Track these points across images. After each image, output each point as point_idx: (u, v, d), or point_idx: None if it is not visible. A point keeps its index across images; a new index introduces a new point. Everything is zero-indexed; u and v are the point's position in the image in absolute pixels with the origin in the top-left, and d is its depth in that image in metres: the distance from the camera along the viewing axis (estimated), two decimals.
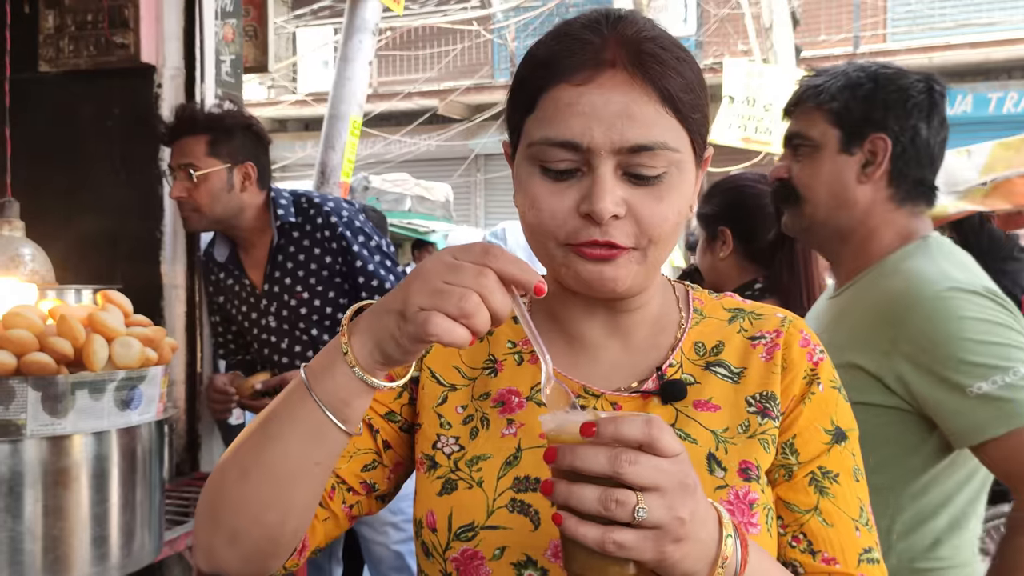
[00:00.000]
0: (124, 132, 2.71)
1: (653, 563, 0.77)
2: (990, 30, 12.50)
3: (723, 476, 0.93)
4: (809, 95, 1.70)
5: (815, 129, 1.68)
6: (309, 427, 0.85)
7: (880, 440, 1.51)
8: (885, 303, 1.58)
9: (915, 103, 1.64)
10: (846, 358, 1.52)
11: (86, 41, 2.70)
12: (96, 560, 1.62)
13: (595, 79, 0.89)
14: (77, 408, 1.59)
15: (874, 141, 1.64)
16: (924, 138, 1.64)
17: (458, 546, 0.93)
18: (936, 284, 1.52)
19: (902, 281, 1.58)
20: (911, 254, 1.63)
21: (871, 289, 1.65)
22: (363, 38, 4.32)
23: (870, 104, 1.64)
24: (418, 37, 14.77)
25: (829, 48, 12.95)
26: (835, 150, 1.66)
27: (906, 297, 1.54)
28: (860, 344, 1.58)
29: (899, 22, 13.41)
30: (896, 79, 1.66)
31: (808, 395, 0.98)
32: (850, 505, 0.97)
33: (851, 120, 1.65)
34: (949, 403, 1.47)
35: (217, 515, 0.90)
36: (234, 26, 2.93)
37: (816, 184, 1.68)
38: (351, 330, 0.84)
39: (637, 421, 0.75)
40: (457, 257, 0.80)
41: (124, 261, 2.68)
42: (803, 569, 0.95)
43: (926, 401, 1.50)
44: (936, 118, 1.66)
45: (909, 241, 1.66)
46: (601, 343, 1.01)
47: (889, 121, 1.63)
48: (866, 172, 1.65)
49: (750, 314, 1.04)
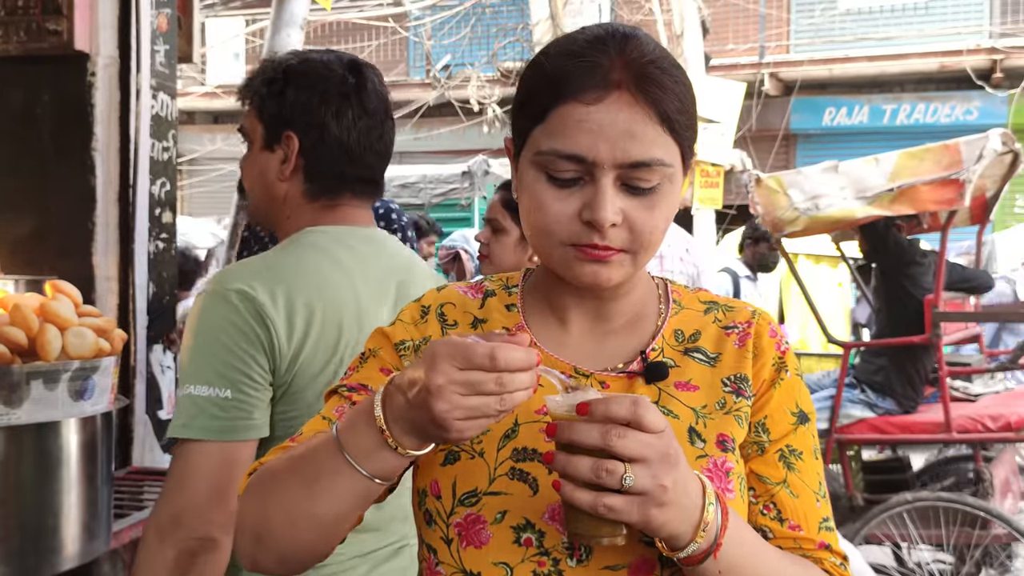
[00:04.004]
0: (55, 121, 2.65)
1: (640, 525, 0.88)
2: (886, 45, 13.07)
3: (703, 447, 1.03)
4: (243, 90, 1.72)
5: (248, 122, 1.70)
6: (356, 491, 0.96)
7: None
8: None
9: (324, 99, 1.63)
10: None
11: (16, 26, 2.63)
12: (49, 551, 1.61)
13: (603, 99, 0.98)
14: (32, 398, 1.58)
15: (287, 138, 1.64)
16: (335, 135, 1.63)
17: (462, 511, 1.01)
18: (215, 281, 1.55)
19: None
20: (277, 248, 1.66)
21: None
22: (291, 32, 4.28)
23: (281, 100, 1.64)
24: (333, 32, 14.61)
25: (736, 57, 13.34)
26: (260, 146, 1.68)
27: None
28: None
29: (801, 34, 13.91)
30: (307, 75, 1.65)
31: (778, 381, 1.08)
32: (812, 480, 1.08)
33: (270, 117, 1.66)
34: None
35: (263, 544, 1.01)
36: (168, 16, 2.90)
37: (251, 179, 1.72)
38: (389, 423, 0.92)
39: (625, 401, 0.87)
40: (465, 368, 0.87)
41: (54, 252, 2.62)
42: (772, 534, 1.05)
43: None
44: (351, 111, 1.64)
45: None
46: (589, 328, 1.10)
47: (296, 118, 1.63)
48: (283, 169, 1.66)
49: (723, 307, 1.14)
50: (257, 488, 1.02)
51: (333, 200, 1.67)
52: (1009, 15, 12.96)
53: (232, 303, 1.48)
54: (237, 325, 1.48)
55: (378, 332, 1.13)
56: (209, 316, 1.50)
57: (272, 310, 1.48)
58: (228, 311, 1.48)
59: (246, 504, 1.03)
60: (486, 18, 12.00)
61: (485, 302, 1.13)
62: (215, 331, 1.48)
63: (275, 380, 1.51)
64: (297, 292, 1.52)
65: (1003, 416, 4.21)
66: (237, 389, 1.47)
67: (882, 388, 4.44)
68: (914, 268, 4.46)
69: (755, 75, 12.67)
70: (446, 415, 0.87)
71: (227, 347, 1.47)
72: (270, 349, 1.49)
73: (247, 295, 1.49)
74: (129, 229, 2.72)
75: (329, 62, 1.66)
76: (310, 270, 1.56)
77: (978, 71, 12.32)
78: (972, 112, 12.67)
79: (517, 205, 1.07)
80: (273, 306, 1.49)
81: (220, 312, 1.49)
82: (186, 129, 14.03)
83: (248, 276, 1.52)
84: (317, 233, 1.63)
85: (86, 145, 2.63)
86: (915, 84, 13.15)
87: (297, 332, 1.50)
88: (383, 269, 1.64)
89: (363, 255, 1.63)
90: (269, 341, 1.48)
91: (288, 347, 1.50)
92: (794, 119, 13.23)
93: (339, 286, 1.56)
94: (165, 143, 2.92)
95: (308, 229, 1.64)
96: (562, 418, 0.90)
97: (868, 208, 4.19)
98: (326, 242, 1.62)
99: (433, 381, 0.87)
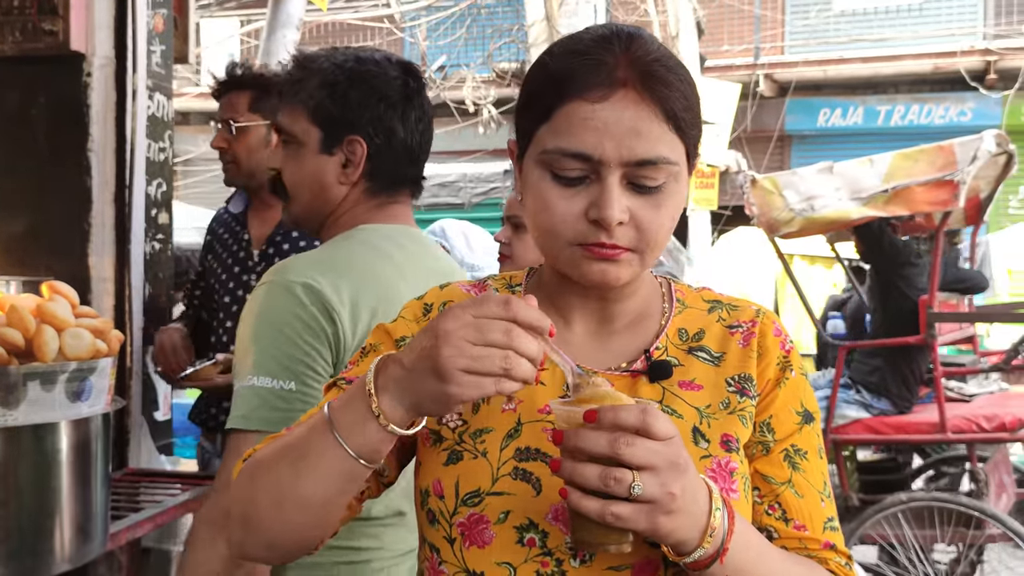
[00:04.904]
0: (51, 121, 2.65)
1: (648, 532, 0.87)
2: (880, 46, 13.10)
3: (707, 447, 1.03)
4: (288, 90, 1.66)
5: (297, 126, 1.64)
6: (341, 470, 0.94)
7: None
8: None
9: (389, 103, 1.62)
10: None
11: (12, 27, 2.63)
12: (46, 553, 1.60)
13: (609, 97, 0.97)
14: (29, 399, 1.57)
15: (351, 143, 1.62)
16: (401, 137, 1.63)
17: (465, 511, 1.00)
18: (276, 273, 1.53)
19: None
20: (332, 243, 1.64)
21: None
22: (287, 33, 4.30)
23: (344, 104, 1.61)
24: (328, 33, 14.60)
25: (731, 58, 13.36)
26: (316, 150, 1.64)
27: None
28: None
29: (796, 35, 13.94)
30: (370, 78, 1.62)
31: (783, 380, 1.08)
32: (816, 479, 1.07)
33: (328, 120, 1.62)
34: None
35: (251, 528, 1.01)
36: (164, 16, 2.90)
37: (299, 181, 1.66)
38: (379, 391, 0.91)
39: (634, 409, 0.86)
40: (478, 315, 0.87)
41: (49, 253, 2.62)
42: (777, 534, 1.05)
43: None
44: (413, 114, 1.64)
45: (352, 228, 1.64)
46: (593, 327, 1.09)
47: (363, 122, 1.61)
48: (346, 173, 1.63)
49: (727, 305, 1.13)
50: (247, 473, 1.02)
51: (391, 198, 1.67)
52: (1003, 16, 13.00)
53: (297, 296, 1.47)
54: (302, 318, 1.46)
55: (380, 328, 1.12)
56: (272, 308, 1.48)
57: (338, 303, 1.48)
58: (292, 304, 1.47)
59: (236, 491, 1.02)
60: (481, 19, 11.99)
61: None
62: (279, 323, 1.47)
63: (335, 373, 1.48)
64: (358, 287, 1.51)
65: (998, 416, 4.22)
66: (301, 382, 1.46)
67: (877, 389, 4.45)
68: (909, 269, 4.47)
69: (750, 76, 12.69)
70: (449, 361, 0.86)
71: (291, 340, 1.46)
72: (335, 343, 1.48)
73: (312, 288, 1.48)
74: (125, 230, 2.72)
75: (381, 63, 1.64)
76: (367, 266, 1.56)
77: (972, 72, 12.35)
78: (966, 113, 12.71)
79: None
80: (339, 300, 1.48)
81: (284, 304, 1.47)
82: (181, 130, 13.99)
83: (311, 269, 1.51)
84: (369, 231, 1.63)
85: (82, 146, 2.63)
86: (909, 85, 13.18)
87: (361, 326, 1.49)
88: (428, 270, 1.63)
89: (412, 254, 1.64)
90: (335, 335, 1.48)
91: (353, 341, 1.49)
92: (789, 120, 13.26)
93: (392, 282, 1.56)
94: (161, 143, 2.92)
95: (361, 226, 1.63)
96: (567, 426, 0.89)
97: (863, 209, 4.20)
98: (378, 239, 1.62)
99: (443, 326, 0.87)
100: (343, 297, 1.49)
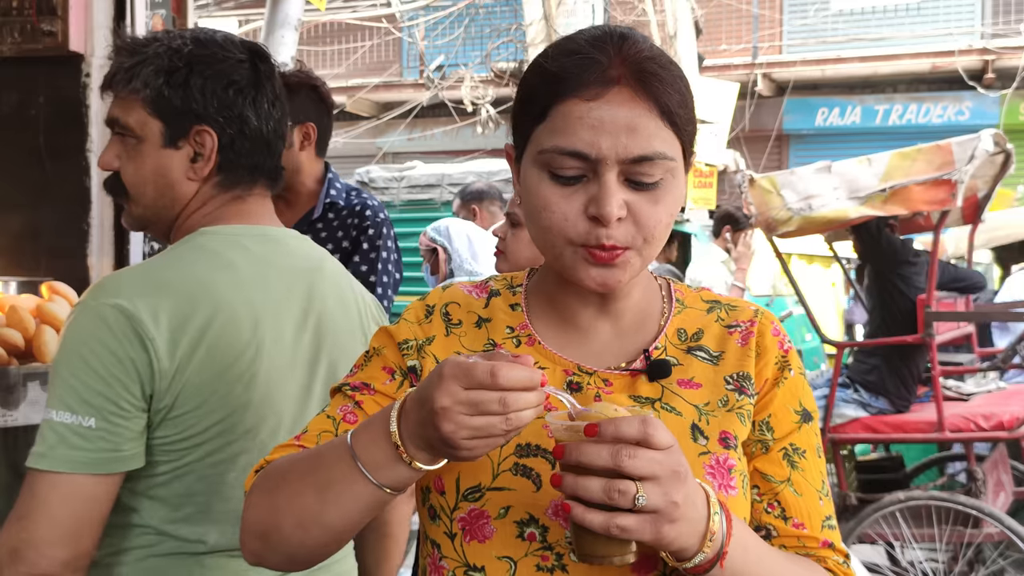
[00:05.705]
0: (50, 122, 2.66)
1: (652, 542, 0.88)
2: (878, 45, 13.12)
3: (705, 444, 1.04)
4: (120, 79, 1.48)
5: (133, 118, 1.47)
6: (369, 501, 0.97)
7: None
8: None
9: (238, 88, 1.47)
10: None
11: (11, 27, 2.63)
12: None
13: (603, 95, 0.98)
14: (28, 400, 1.58)
15: (199, 134, 1.46)
16: (255, 125, 1.49)
17: (466, 506, 1.02)
18: (92, 293, 1.39)
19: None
20: (165, 253, 1.49)
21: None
22: (285, 33, 4.29)
23: (186, 92, 1.45)
24: (326, 33, 14.61)
25: (729, 57, 13.37)
26: (158, 144, 1.47)
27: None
28: None
29: (794, 35, 13.95)
30: (214, 62, 1.46)
31: (781, 379, 1.09)
32: (815, 478, 1.08)
33: (170, 111, 1.45)
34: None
35: (271, 544, 1.02)
36: (163, 16, 2.90)
37: (140, 179, 1.49)
38: (404, 439, 0.93)
39: (634, 421, 0.87)
40: (469, 387, 0.88)
41: (49, 254, 2.63)
42: (776, 532, 1.06)
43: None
44: (265, 99, 1.50)
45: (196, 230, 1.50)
46: (593, 326, 1.10)
47: (211, 111, 1.46)
48: (195, 167, 1.48)
49: (726, 306, 1.14)
50: (266, 488, 1.02)
51: (247, 191, 1.52)
52: (1000, 16, 13.02)
53: (105, 321, 1.32)
54: (109, 347, 1.32)
55: (382, 331, 1.13)
56: (79, 334, 1.33)
57: (153, 329, 1.33)
58: (100, 330, 1.32)
59: (253, 502, 1.03)
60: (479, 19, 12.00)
61: (490, 302, 1.14)
62: (84, 352, 1.32)
63: (152, 406, 1.35)
64: (184, 305, 1.36)
65: (996, 415, 4.23)
66: (103, 418, 1.30)
67: (875, 387, 4.46)
68: (907, 268, 4.47)
69: (748, 76, 12.71)
70: (453, 435, 0.88)
71: (95, 371, 1.31)
72: (147, 373, 1.33)
73: (125, 311, 1.33)
74: (124, 231, 2.72)
75: (225, 44, 1.49)
76: (199, 279, 1.40)
77: (970, 72, 12.37)
78: (964, 112, 12.73)
79: None
80: (154, 324, 1.33)
81: (91, 331, 1.33)
82: None
83: (128, 289, 1.36)
84: (210, 235, 1.48)
85: (81, 146, 2.63)
86: (907, 85, 13.21)
87: (181, 350, 1.35)
88: (285, 270, 1.50)
89: (259, 256, 1.48)
90: (148, 364, 1.33)
91: (171, 367, 1.34)
92: (787, 119, 13.28)
93: (230, 293, 1.42)
94: None
95: (200, 230, 1.48)
96: (567, 439, 0.89)
97: (861, 208, 4.20)
98: (217, 245, 1.46)
99: (438, 402, 0.88)
100: (160, 321, 1.34)
